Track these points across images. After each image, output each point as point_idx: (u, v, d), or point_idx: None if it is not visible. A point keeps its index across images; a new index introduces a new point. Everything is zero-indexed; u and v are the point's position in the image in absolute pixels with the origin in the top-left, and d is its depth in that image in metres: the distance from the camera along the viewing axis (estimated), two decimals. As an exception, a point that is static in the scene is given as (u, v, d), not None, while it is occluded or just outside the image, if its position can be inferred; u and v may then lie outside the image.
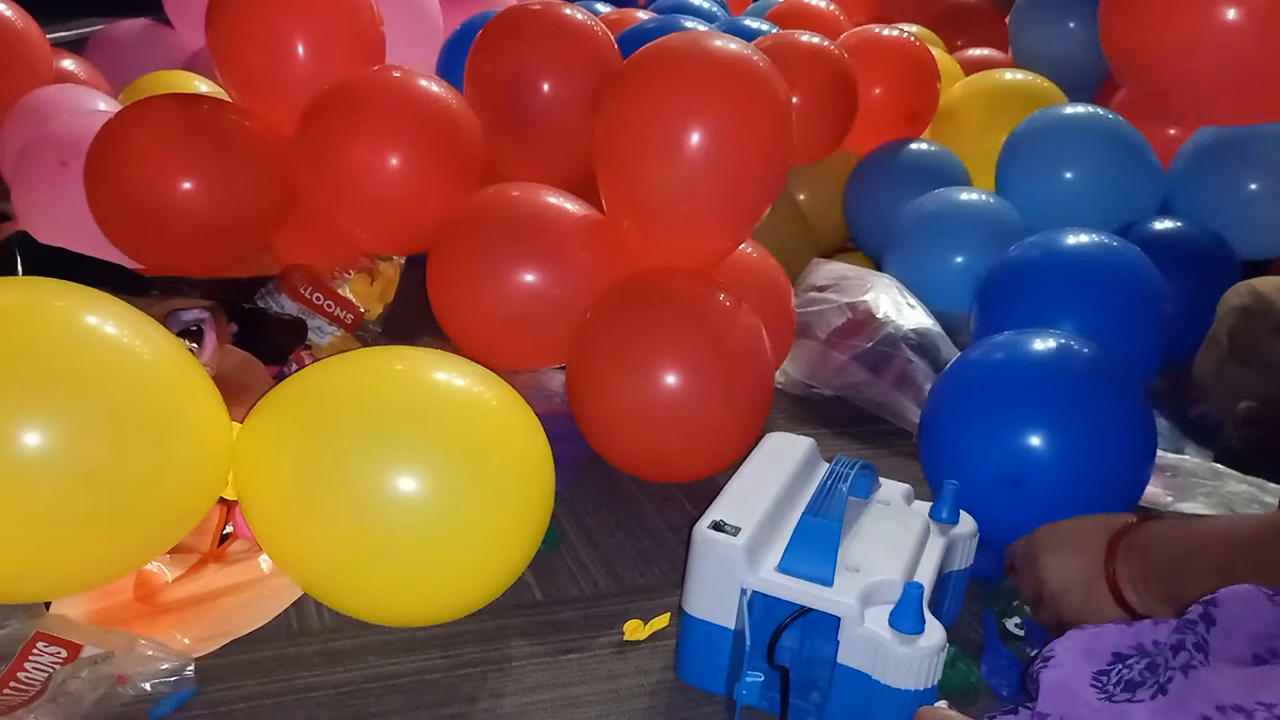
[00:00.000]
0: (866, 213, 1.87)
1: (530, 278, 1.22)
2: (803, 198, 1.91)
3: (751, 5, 2.71)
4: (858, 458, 0.92)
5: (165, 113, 1.41)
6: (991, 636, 0.95)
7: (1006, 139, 1.71)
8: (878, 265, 1.74)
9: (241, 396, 1.15)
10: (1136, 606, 0.82)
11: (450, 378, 0.89)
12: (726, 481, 0.92)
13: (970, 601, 1.00)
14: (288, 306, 1.42)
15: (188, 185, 1.36)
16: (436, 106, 1.37)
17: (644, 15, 2.11)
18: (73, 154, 1.44)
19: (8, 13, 1.78)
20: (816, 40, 1.75)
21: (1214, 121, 1.64)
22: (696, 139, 1.09)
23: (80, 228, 1.41)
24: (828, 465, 0.91)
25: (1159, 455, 1.14)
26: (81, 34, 2.45)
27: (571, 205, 1.28)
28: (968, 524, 0.93)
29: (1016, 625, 0.97)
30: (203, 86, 1.80)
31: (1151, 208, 1.63)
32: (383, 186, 1.32)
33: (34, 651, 0.80)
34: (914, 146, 1.87)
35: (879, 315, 1.45)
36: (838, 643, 0.78)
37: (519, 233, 1.24)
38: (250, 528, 0.89)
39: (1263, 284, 1.28)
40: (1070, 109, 1.71)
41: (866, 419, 1.43)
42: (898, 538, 0.88)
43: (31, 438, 0.72)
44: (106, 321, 0.80)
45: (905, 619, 0.76)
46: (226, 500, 0.91)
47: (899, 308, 1.48)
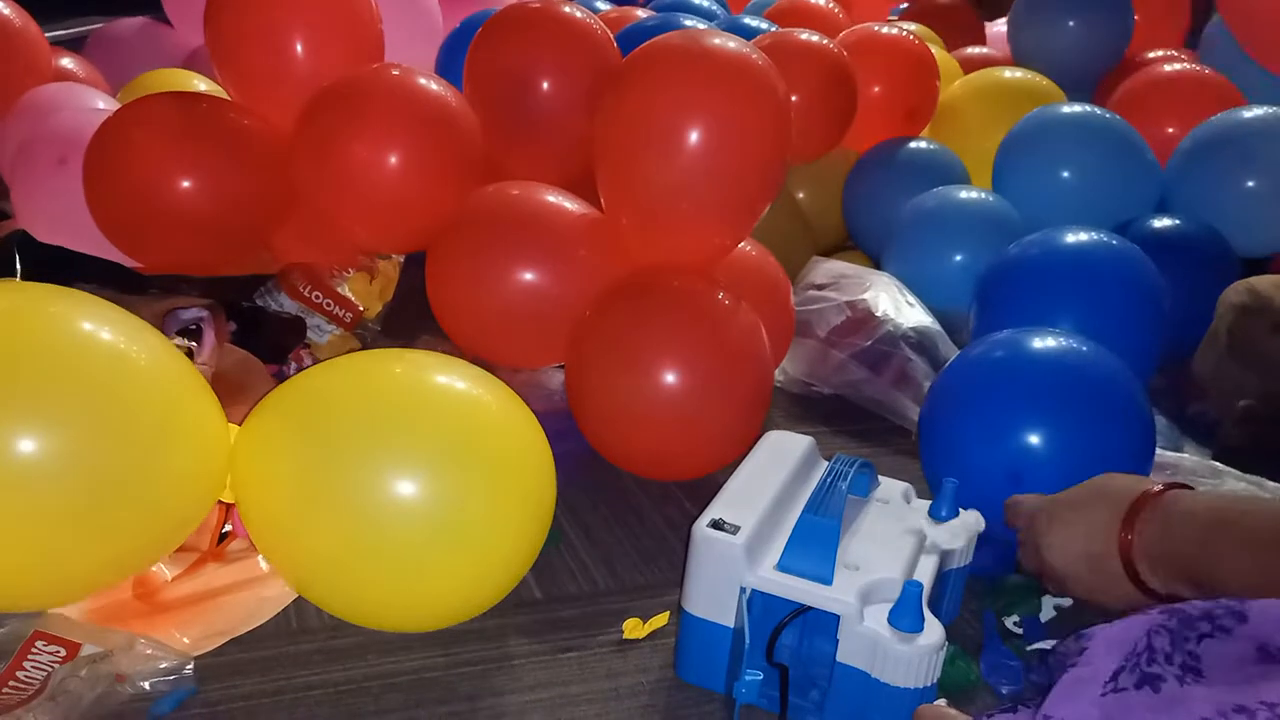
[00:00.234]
0: (865, 211, 1.87)
1: (529, 276, 1.22)
2: (802, 196, 1.91)
3: (750, 3, 2.71)
4: (857, 456, 0.92)
5: (164, 111, 1.41)
6: (991, 634, 0.95)
7: (1003, 138, 1.72)
8: (877, 263, 1.74)
9: (240, 395, 1.15)
10: (1154, 585, 0.76)
11: (450, 380, 0.88)
12: (726, 480, 0.92)
13: (969, 599, 0.99)
14: (287, 305, 1.42)
15: (186, 184, 1.36)
16: (436, 104, 1.36)
17: (643, 13, 2.11)
18: (72, 152, 1.44)
19: (6, 11, 1.77)
20: (815, 38, 1.75)
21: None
22: (696, 137, 1.09)
23: (79, 226, 1.40)
24: (827, 463, 0.91)
25: (1158, 454, 1.14)
26: (80, 32, 2.44)
27: (570, 203, 1.28)
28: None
29: (1015, 623, 0.97)
30: (202, 85, 1.80)
31: (1149, 205, 1.63)
32: (382, 184, 1.31)
33: (33, 650, 0.80)
34: (913, 145, 1.87)
35: (878, 313, 1.45)
36: (837, 641, 0.78)
37: (518, 231, 1.24)
38: (248, 532, 0.88)
39: (1261, 282, 1.28)
40: (1067, 108, 1.71)
41: (866, 417, 1.43)
42: (897, 536, 0.88)
43: (26, 445, 0.71)
44: (102, 327, 0.79)
45: (904, 617, 0.76)
46: (225, 501, 0.90)
47: (898, 306, 1.48)
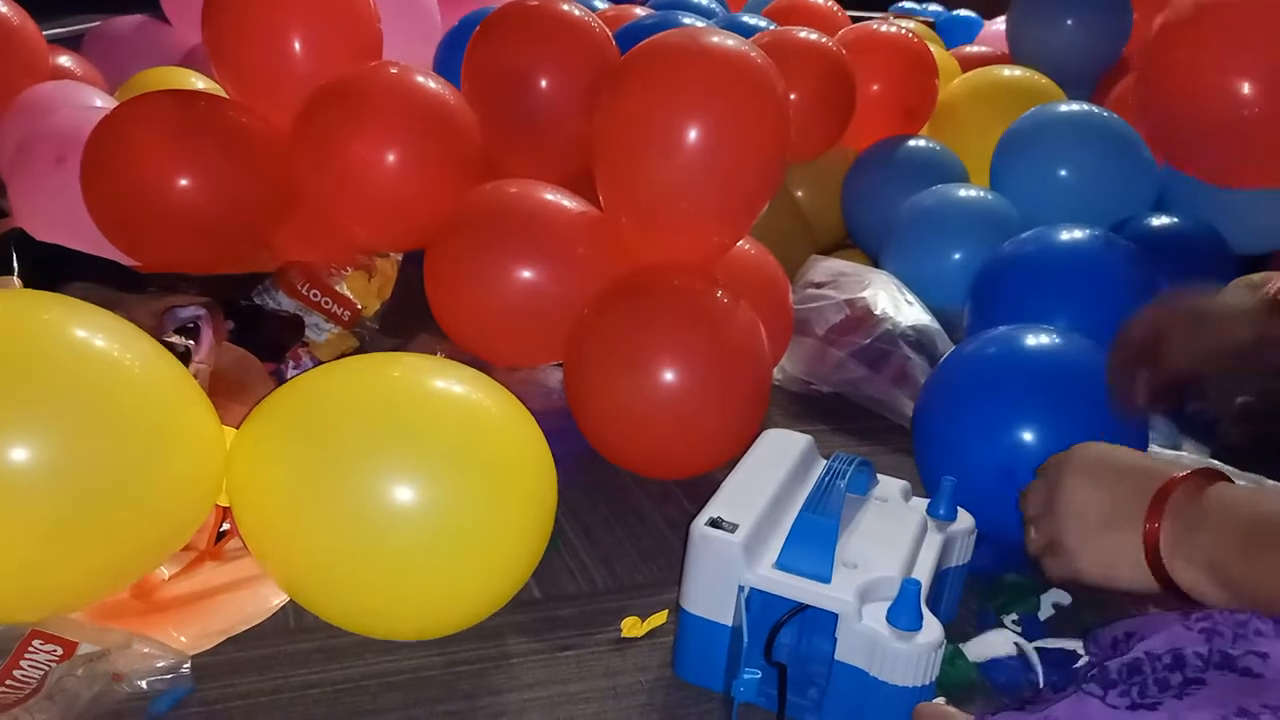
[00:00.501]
0: (864, 209, 1.87)
1: (528, 274, 1.22)
2: (801, 194, 1.91)
3: (749, 1, 2.71)
4: (855, 454, 0.91)
5: (162, 109, 1.40)
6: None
7: (1002, 136, 1.71)
8: (875, 262, 1.74)
9: (238, 394, 1.15)
10: (1178, 578, 0.66)
11: (449, 385, 0.86)
12: (724, 478, 0.92)
13: (968, 598, 0.99)
14: (285, 303, 1.42)
15: (184, 182, 1.36)
16: (434, 103, 1.36)
17: (642, 11, 2.11)
18: (69, 150, 1.44)
19: (4, 9, 1.77)
20: (814, 36, 1.75)
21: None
22: (694, 135, 1.09)
23: (77, 224, 1.40)
24: (825, 462, 0.91)
25: (1157, 452, 1.14)
26: (78, 30, 2.44)
27: (569, 202, 1.27)
28: (965, 520, 0.93)
29: (1014, 622, 0.97)
30: (199, 83, 1.80)
31: (1146, 203, 1.64)
32: (380, 183, 1.31)
33: (30, 649, 0.80)
34: (912, 143, 1.87)
35: (877, 312, 1.45)
36: (835, 639, 0.78)
37: (516, 229, 1.24)
38: (243, 538, 0.87)
39: (1260, 280, 1.28)
40: (1065, 106, 1.71)
41: (864, 415, 1.43)
42: (896, 534, 0.88)
43: (19, 453, 0.70)
44: (96, 334, 0.78)
45: (903, 615, 0.76)
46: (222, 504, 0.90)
47: (897, 304, 1.48)
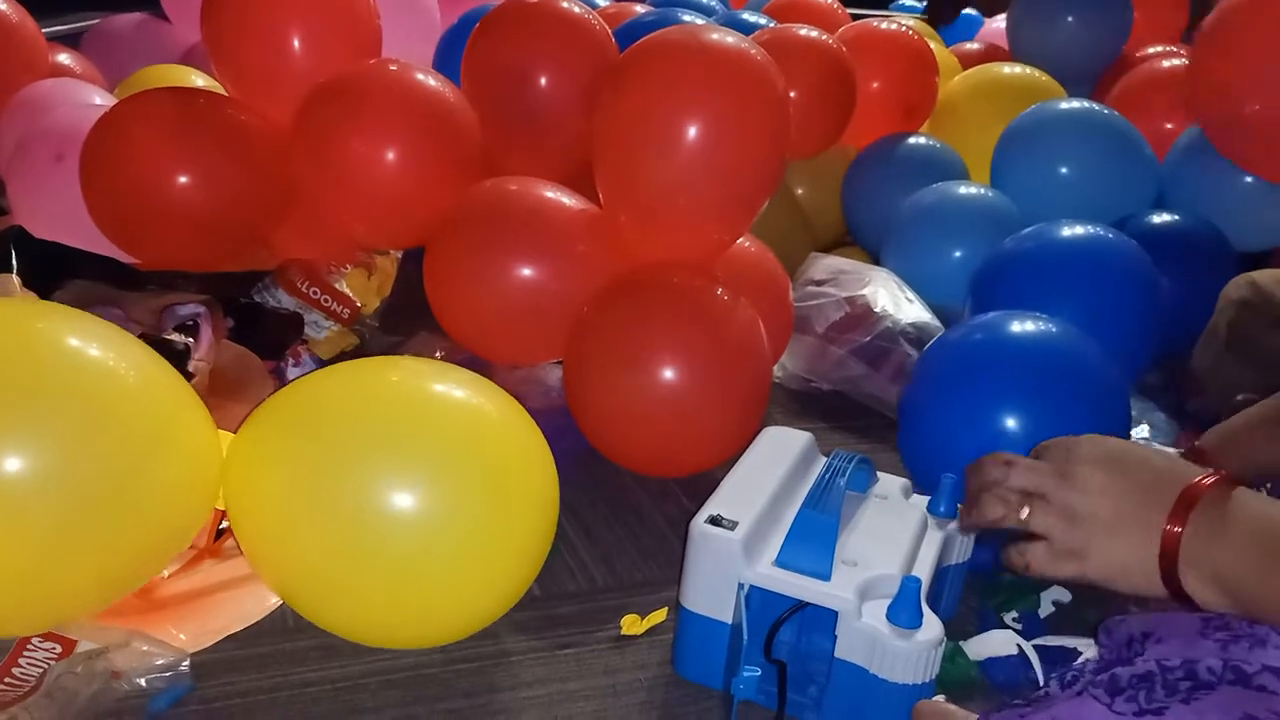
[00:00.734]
0: (864, 207, 1.87)
1: (527, 272, 1.21)
2: (801, 192, 1.91)
3: (750, -1, 2.71)
4: (855, 452, 0.91)
5: (161, 107, 1.40)
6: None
7: (1002, 133, 1.71)
8: (876, 259, 1.74)
9: (238, 391, 1.15)
10: (1192, 590, 0.61)
11: (449, 389, 0.85)
12: (724, 476, 0.92)
13: (968, 595, 0.99)
14: (284, 301, 1.42)
15: (184, 180, 1.36)
16: (434, 100, 1.36)
17: (642, 8, 2.10)
18: (68, 148, 1.44)
19: (3, 6, 1.77)
20: (814, 34, 1.75)
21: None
22: (694, 132, 1.09)
23: (76, 222, 1.40)
24: (825, 459, 0.91)
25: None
26: (77, 28, 2.44)
27: (569, 199, 1.27)
28: (966, 518, 0.93)
29: (1014, 619, 0.97)
30: (199, 81, 1.80)
31: (1147, 201, 1.63)
32: (380, 180, 1.31)
33: (28, 647, 0.80)
34: (912, 140, 1.87)
35: (877, 309, 1.45)
36: (835, 637, 0.78)
37: (516, 227, 1.24)
38: (240, 545, 0.86)
39: (1263, 277, 1.28)
40: (1064, 103, 1.71)
41: (864, 413, 1.42)
42: (895, 532, 0.87)
43: (13, 463, 0.69)
44: (89, 342, 0.76)
45: (903, 613, 0.76)
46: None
47: (897, 302, 1.48)
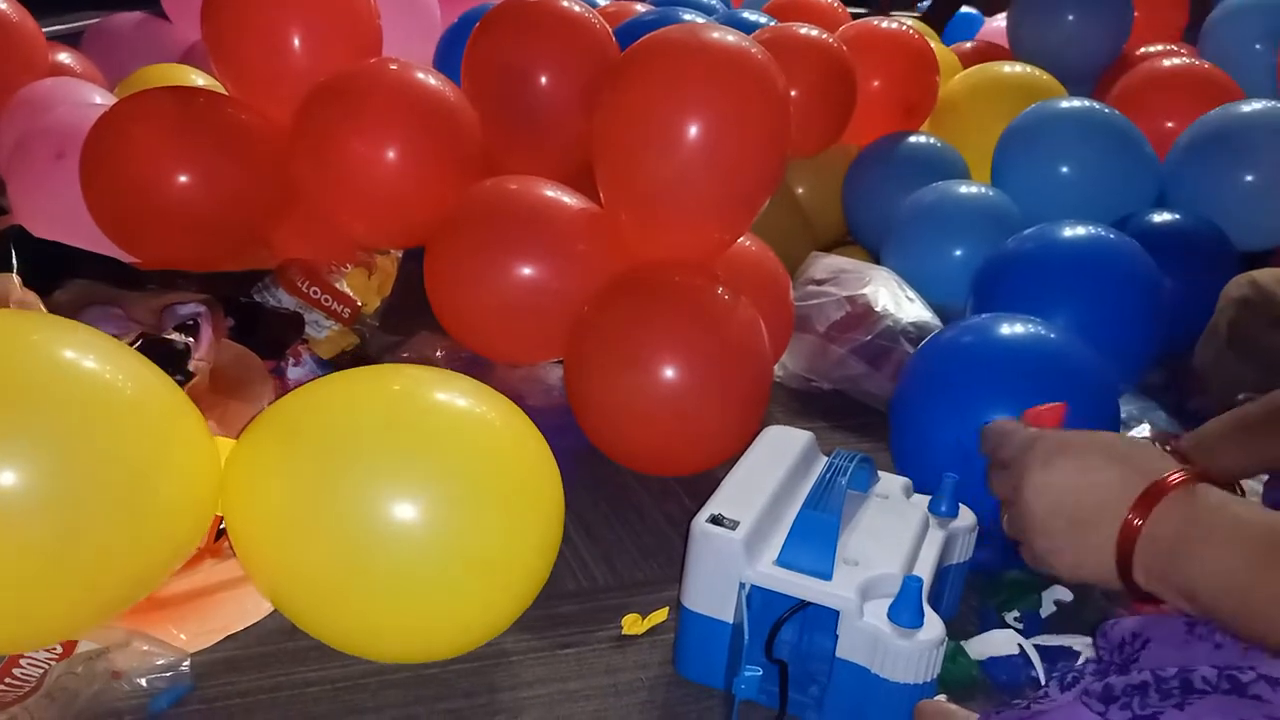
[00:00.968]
0: (865, 206, 1.87)
1: (528, 271, 1.21)
2: (801, 191, 1.91)
3: (750, -2, 2.70)
4: (856, 451, 0.91)
5: (161, 106, 1.40)
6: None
7: (1003, 132, 1.71)
8: (876, 258, 1.74)
9: (238, 391, 1.15)
10: (1142, 581, 0.60)
11: (451, 398, 0.83)
12: (725, 475, 0.92)
13: (969, 595, 0.99)
14: (285, 301, 1.42)
15: (184, 179, 1.35)
16: (434, 99, 1.36)
17: (642, 7, 2.10)
18: (68, 147, 1.43)
19: (3, 6, 1.77)
20: (815, 33, 1.75)
21: None
22: (695, 131, 1.09)
23: (76, 221, 1.40)
24: (826, 459, 0.91)
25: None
26: (77, 27, 2.44)
27: (569, 198, 1.27)
28: (967, 517, 0.93)
29: (1015, 618, 0.97)
30: (199, 80, 1.80)
31: (1148, 200, 1.63)
32: (380, 179, 1.31)
33: (29, 647, 0.80)
34: (913, 139, 1.87)
35: (878, 308, 1.45)
36: (836, 637, 0.78)
37: (516, 226, 1.24)
38: (239, 559, 0.84)
39: (1264, 276, 1.28)
40: (1065, 103, 1.71)
41: (865, 412, 1.42)
42: (897, 531, 0.87)
43: (6, 478, 0.67)
44: (85, 354, 0.75)
45: (904, 613, 0.76)
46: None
47: (898, 301, 1.48)
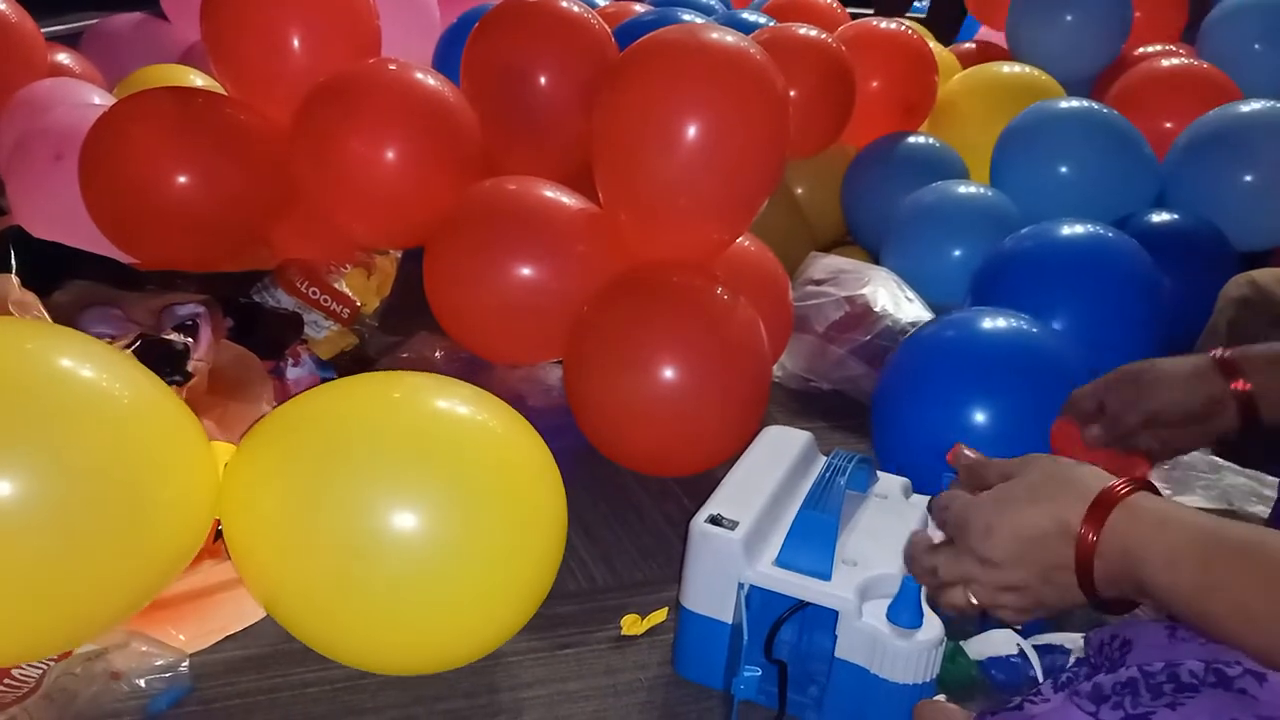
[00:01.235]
0: (864, 206, 1.87)
1: (527, 271, 1.21)
2: (800, 191, 1.91)
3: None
4: (855, 451, 0.91)
5: (160, 106, 1.40)
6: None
7: (1002, 133, 1.71)
8: (875, 258, 1.74)
9: (237, 391, 1.15)
10: (1105, 591, 0.62)
11: (453, 406, 0.82)
12: (724, 475, 0.92)
13: (968, 595, 0.99)
14: (284, 301, 1.42)
15: (183, 179, 1.35)
16: (433, 100, 1.36)
17: (641, 8, 2.10)
18: (67, 148, 1.43)
19: (3, 6, 1.77)
20: (814, 33, 1.75)
21: None
22: (694, 132, 1.09)
23: (75, 222, 1.40)
24: (825, 459, 0.91)
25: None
26: (76, 28, 2.44)
27: (568, 199, 1.27)
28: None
29: (1015, 619, 0.96)
30: (198, 80, 1.80)
31: (1147, 200, 1.63)
32: (379, 180, 1.31)
33: (28, 647, 0.80)
34: (912, 140, 1.87)
35: (877, 309, 1.45)
36: (836, 637, 0.78)
37: (516, 226, 1.23)
38: (238, 570, 0.83)
39: (1263, 275, 1.27)
40: (1064, 103, 1.71)
41: (864, 412, 1.41)
42: (896, 531, 0.87)
43: (4, 488, 0.67)
44: (82, 363, 0.75)
45: (903, 613, 0.76)
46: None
47: (897, 301, 1.48)
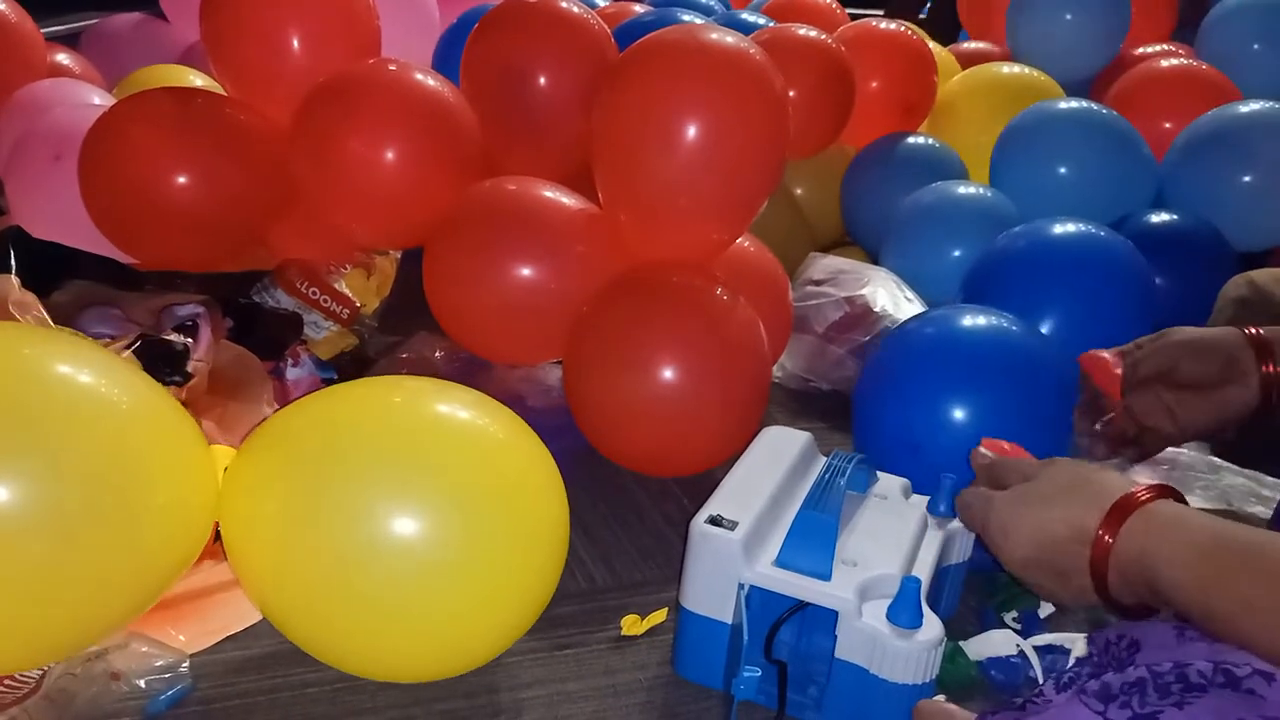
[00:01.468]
0: (863, 206, 1.87)
1: (527, 272, 1.21)
2: (800, 192, 1.91)
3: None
4: (855, 452, 0.91)
5: (160, 107, 1.40)
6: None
7: (1001, 133, 1.71)
8: (875, 259, 1.74)
9: (237, 392, 1.15)
10: (1120, 596, 0.67)
11: (454, 410, 0.82)
12: (724, 476, 0.92)
13: (968, 595, 0.99)
14: (284, 301, 1.42)
15: (182, 179, 1.35)
16: (433, 100, 1.36)
17: (641, 8, 2.10)
18: (67, 148, 1.43)
19: (2, 7, 1.77)
20: (813, 34, 1.75)
21: None
22: (693, 132, 1.09)
23: (74, 222, 1.40)
24: (825, 459, 0.91)
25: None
26: (76, 28, 2.43)
27: (568, 199, 1.27)
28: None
29: (1014, 619, 0.97)
30: (198, 80, 1.80)
31: (1145, 200, 1.63)
32: (378, 180, 1.31)
33: (28, 648, 0.80)
34: (911, 140, 1.87)
35: (877, 309, 1.45)
36: (835, 637, 0.78)
37: (515, 227, 1.24)
38: (234, 571, 0.83)
39: (1262, 276, 1.28)
40: (1063, 103, 1.71)
41: (864, 413, 1.42)
42: (895, 531, 0.87)
43: (2, 494, 0.66)
44: (80, 368, 0.74)
45: (903, 613, 0.76)
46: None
47: (897, 301, 1.48)
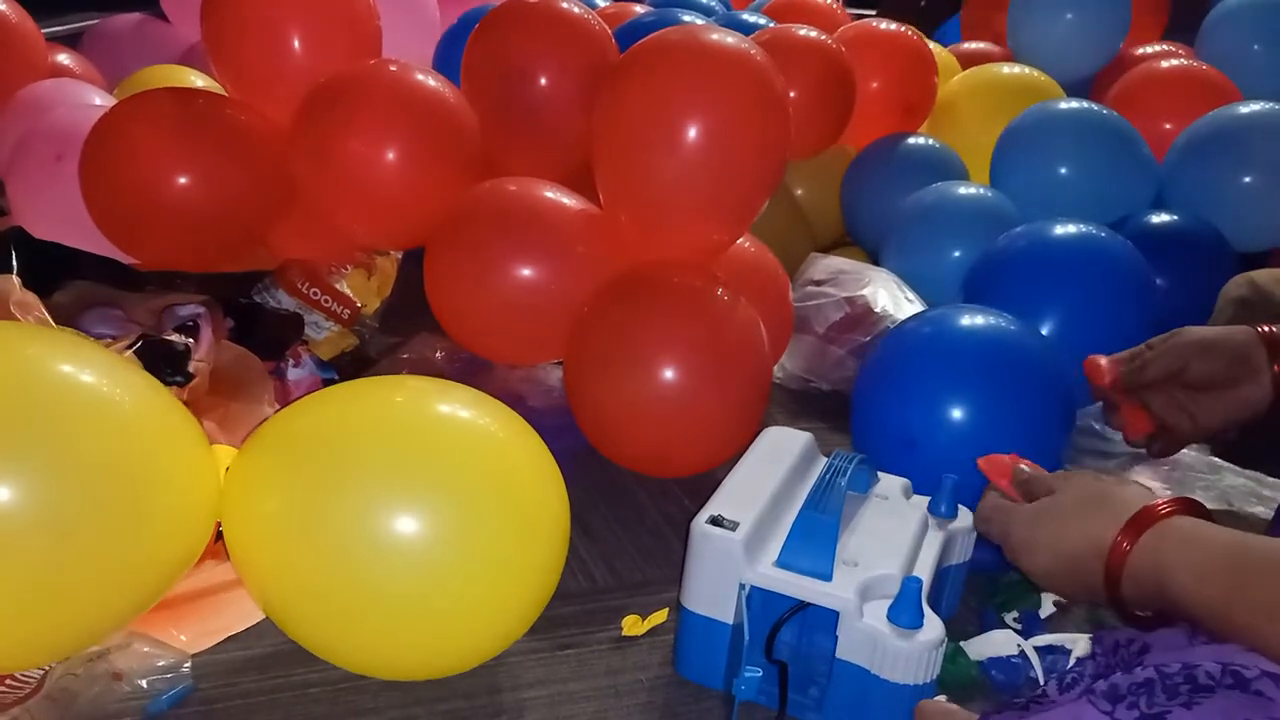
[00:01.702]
0: (864, 207, 1.87)
1: (527, 272, 1.21)
2: (800, 192, 1.91)
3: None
4: (856, 452, 0.91)
5: (161, 107, 1.40)
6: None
7: (1001, 133, 1.71)
8: (875, 259, 1.74)
9: (238, 392, 1.15)
10: (1133, 604, 0.67)
11: (455, 410, 0.82)
12: (725, 476, 0.92)
13: (969, 595, 0.99)
14: (284, 302, 1.42)
15: (183, 180, 1.35)
16: (433, 100, 1.36)
17: (642, 9, 2.10)
18: (68, 149, 1.43)
19: (3, 7, 1.77)
20: (814, 34, 1.75)
21: None
22: (694, 133, 1.09)
23: (75, 222, 1.40)
24: (826, 460, 0.91)
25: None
26: (77, 28, 2.43)
27: (569, 199, 1.27)
28: (966, 518, 0.93)
29: (1015, 619, 0.97)
30: (198, 81, 1.80)
31: (1146, 201, 1.63)
32: (379, 180, 1.31)
33: (30, 648, 0.80)
34: (911, 140, 1.87)
35: (877, 309, 1.45)
36: (836, 637, 0.78)
37: (516, 227, 1.24)
38: (236, 570, 0.83)
39: (1262, 276, 1.28)
40: (1064, 104, 1.71)
41: (864, 413, 1.42)
42: (896, 532, 0.88)
43: (4, 494, 0.66)
44: (83, 368, 0.74)
45: (904, 613, 0.76)
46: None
47: (897, 302, 1.48)
